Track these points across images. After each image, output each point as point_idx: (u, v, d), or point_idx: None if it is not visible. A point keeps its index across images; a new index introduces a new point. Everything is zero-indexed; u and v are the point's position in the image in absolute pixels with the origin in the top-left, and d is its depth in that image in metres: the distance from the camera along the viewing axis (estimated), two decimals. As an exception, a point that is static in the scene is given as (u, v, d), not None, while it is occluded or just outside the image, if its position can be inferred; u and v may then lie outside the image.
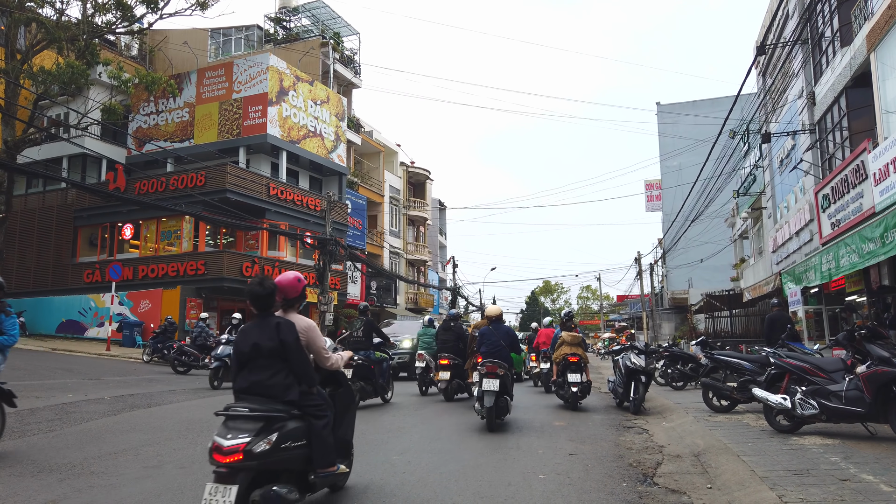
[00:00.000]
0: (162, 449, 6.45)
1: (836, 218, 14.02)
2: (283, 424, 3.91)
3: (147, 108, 30.70)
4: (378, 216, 40.58)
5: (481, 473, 5.55)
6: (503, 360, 8.32)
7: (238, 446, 3.60)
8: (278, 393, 4.04)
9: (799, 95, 17.73)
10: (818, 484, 4.70)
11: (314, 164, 32.05)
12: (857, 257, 10.26)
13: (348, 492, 4.86)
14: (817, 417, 6.66)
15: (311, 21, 36.70)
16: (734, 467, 5.41)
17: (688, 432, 7.61)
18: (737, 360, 9.45)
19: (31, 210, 29.78)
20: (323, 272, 23.85)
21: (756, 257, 26.83)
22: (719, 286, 32.38)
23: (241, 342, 4.20)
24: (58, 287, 27.89)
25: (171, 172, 27.89)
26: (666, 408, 10.27)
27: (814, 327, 14.06)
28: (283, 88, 29.17)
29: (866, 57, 12.85)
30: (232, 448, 3.60)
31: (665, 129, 45.48)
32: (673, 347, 15.73)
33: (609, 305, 74.95)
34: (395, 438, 7.33)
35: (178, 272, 25.55)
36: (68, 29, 23.52)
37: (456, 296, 47.21)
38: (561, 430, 8.12)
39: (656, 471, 5.77)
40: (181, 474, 5.37)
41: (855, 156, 12.78)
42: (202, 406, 10.06)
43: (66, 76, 22.55)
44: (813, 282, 12.77)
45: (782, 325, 10.79)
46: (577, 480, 5.31)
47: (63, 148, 28.38)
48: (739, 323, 26.06)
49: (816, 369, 6.92)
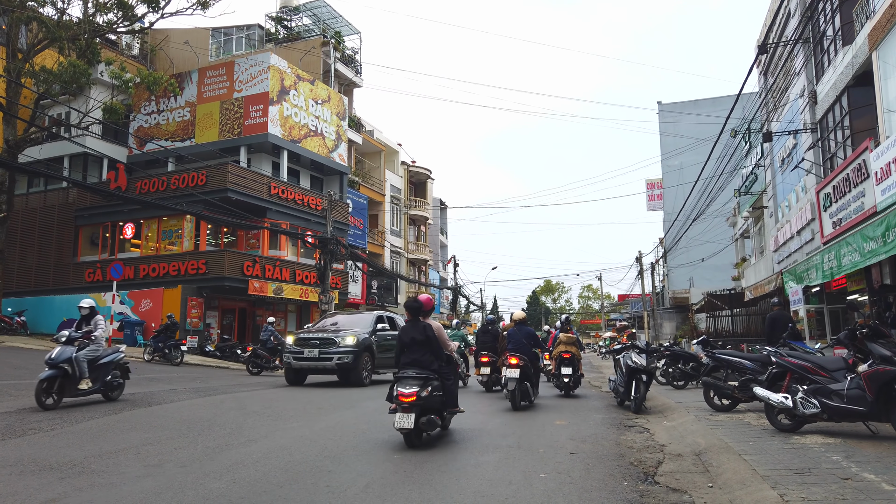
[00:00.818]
0: (163, 448, 6.45)
1: (837, 217, 14.01)
2: (431, 382, 6.78)
3: (148, 108, 30.72)
4: (379, 215, 40.58)
5: (482, 472, 5.54)
6: (524, 355, 10.32)
7: (413, 393, 6.50)
8: (427, 365, 6.94)
9: (800, 94, 17.71)
10: (819, 483, 4.69)
11: (315, 164, 32.05)
12: (859, 256, 10.24)
13: (348, 491, 4.85)
14: (819, 416, 6.64)
15: (313, 20, 36.70)
16: (735, 466, 5.40)
17: (689, 431, 7.60)
18: (738, 359, 9.43)
19: (33, 209, 29.79)
20: (324, 271, 23.86)
21: (757, 256, 26.80)
22: (720, 285, 32.36)
23: (404, 335, 7.18)
24: (59, 286, 27.91)
25: (173, 172, 27.90)
26: (667, 407, 10.26)
27: (815, 326, 14.04)
28: (284, 88, 29.17)
29: (868, 56, 12.84)
30: (409, 394, 6.49)
31: (666, 129, 45.45)
32: (674, 346, 15.72)
33: (610, 305, 74.97)
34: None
35: (179, 271, 25.56)
36: (69, 28, 23.52)
37: (457, 295, 47.21)
38: (562, 429, 8.11)
39: (657, 470, 5.76)
40: (182, 473, 5.36)
41: (856, 155, 12.76)
42: (203, 405, 10.06)
43: (68, 75, 22.55)
44: (814, 281, 12.75)
45: (783, 324, 10.78)
46: (578, 479, 5.31)
47: (64, 147, 28.40)
48: (741, 322, 26.05)
49: (818, 368, 6.90)
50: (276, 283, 27.15)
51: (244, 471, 5.46)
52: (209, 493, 4.75)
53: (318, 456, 6.12)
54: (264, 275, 26.67)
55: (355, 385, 13.79)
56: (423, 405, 6.60)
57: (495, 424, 8.60)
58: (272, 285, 26.83)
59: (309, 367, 14.15)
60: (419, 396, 6.52)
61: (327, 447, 6.60)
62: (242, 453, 6.20)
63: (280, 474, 5.34)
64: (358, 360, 13.83)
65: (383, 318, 15.84)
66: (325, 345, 13.93)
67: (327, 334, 14.27)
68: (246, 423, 8.18)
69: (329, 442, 6.91)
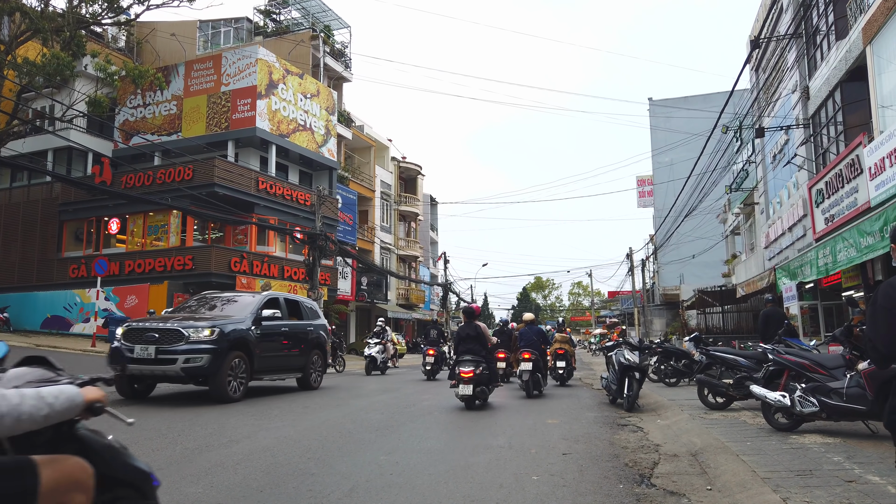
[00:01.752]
0: (139, 449, 6.18)
1: (830, 213, 13.90)
2: (481, 364, 9.73)
3: (134, 101, 30.24)
4: (369, 211, 40.29)
5: (472, 474, 5.33)
6: (535, 350, 12.10)
7: (471, 371, 9.49)
8: (477, 353, 9.89)
9: (793, 90, 17.60)
10: (823, 486, 4.51)
11: (304, 159, 31.71)
12: (856, 251, 10.10)
13: (331, 496, 4.63)
14: (817, 415, 6.48)
15: (302, 14, 36.32)
16: (734, 468, 5.22)
17: (684, 430, 7.42)
18: (733, 356, 9.28)
19: (16, 204, 29.30)
20: (312, 268, 23.58)
21: (748, 253, 26.76)
22: (711, 282, 32.32)
23: (461, 332, 10.30)
24: (43, 282, 27.46)
25: (159, 166, 27.48)
26: (660, 405, 10.10)
27: (808, 323, 13.93)
28: (272, 81, 28.81)
29: (862, 50, 12.71)
30: (468, 371, 9.49)
31: (657, 124, 45.41)
32: (665, 343, 15.59)
33: (600, 301, 75.00)
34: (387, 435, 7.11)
35: (165, 267, 25.18)
36: (53, 20, 23.09)
37: (447, 292, 47.00)
38: (554, 428, 7.92)
39: (653, 471, 5.57)
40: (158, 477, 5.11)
41: (850, 150, 12.63)
42: (185, 403, 9.80)
43: (52, 67, 22.13)
44: (808, 277, 12.63)
45: (777, 321, 10.64)
46: (571, 482, 5.10)
47: (48, 141, 27.93)
48: (731, 319, 26.00)
49: (816, 366, 6.73)
50: (264, 279, 26.83)
51: (223, 474, 5.22)
52: (184, 498, 4.50)
53: (301, 458, 5.89)
54: (252, 271, 26.34)
55: (218, 400, 9.78)
56: (477, 380, 9.57)
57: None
58: (260, 281, 26.51)
59: (142, 373, 9.73)
60: (475, 373, 9.53)
61: (311, 448, 6.36)
62: (223, 455, 5.95)
63: (261, 477, 5.11)
64: (218, 363, 9.65)
65: (277, 302, 11.85)
66: (167, 340, 9.56)
67: (172, 323, 9.86)
68: (228, 422, 7.94)
69: (313, 443, 6.68)
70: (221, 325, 10.00)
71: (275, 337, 11.34)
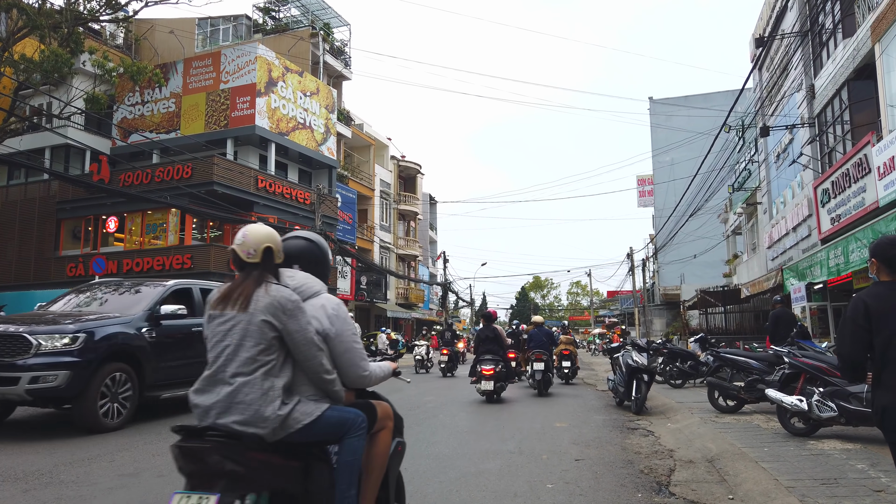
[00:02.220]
0: (139, 454, 6.01)
1: (836, 213, 13.74)
2: (500, 363, 11.09)
3: (132, 99, 29.99)
4: (368, 210, 40.08)
5: (484, 482, 5.16)
6: (545, 351, 12.88)
7: (491, 369, 10.86)
8: (496, 353, 11.22)
9: (798, 88, 17.44)
10: (851, 496, 4.35)
11: (303, 157, 31.48)
12: (868, 252, 9.94)
13: None
14: (836, 420, 6.32)
15: (301, 11, 36.06)
16: (755, 475, 5.05)
17: (696, 435, 7.26)
18: (744, 358, 9.11)
19: (13, 202, 29.04)
20: (312, 267, 23.37)
21: (749, 253, 26.61)
22: (711, 282, 32.17)
23: (481, 334, 11.95)
24: (40, 281, 27.20)
25: (157, 164, 27.23)
26: (669, 407, 9.94)
27: (818, 324, 13.76)
28: (271, 79, 28.59)
29: (871, 48, 12.55)
30: (489, 369, 10.86)
31: (658, 123, 45.26)
32: (668, 344, 15.42)
33: (599, 301, 74.88)
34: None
35: (163, 266, 24.95)
36: (51, 16, 22.81)
37: (447, 291, 46.83)
38: (563, 432, 7.75)
39: (670, 479, 5.40)
40: (159, 484, 4.94)
41: (857, 149, 12.48)
42: (181, 407, 9.62)
43: (49, 64, 21.86)
44: (818, 277, 12.47)
45: (787, 322, 10.46)
46: (587, 490, 4.93)
47: (46, 138, 27.66)
48: (734, 319, 25.83)
49: (834, 369, 6.57)
50: (263, 278, 26.58)
51: None
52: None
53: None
54: (251, 270, 26.10)
55: (87, 430, 7.15)
56: (496, 376, 10.82)
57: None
58: (259, 281, 26.27)
59: None
60: (495, 371, 10.79)
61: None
62: None
63: None
64: (83, 381, 7.06)
65: (188, 293, 9.10)
66: (7, 350, 6.96)
67: (15, 327, 7.18)
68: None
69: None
70: (92, 329, 7.34)
71: (181, 340, 8.57)
